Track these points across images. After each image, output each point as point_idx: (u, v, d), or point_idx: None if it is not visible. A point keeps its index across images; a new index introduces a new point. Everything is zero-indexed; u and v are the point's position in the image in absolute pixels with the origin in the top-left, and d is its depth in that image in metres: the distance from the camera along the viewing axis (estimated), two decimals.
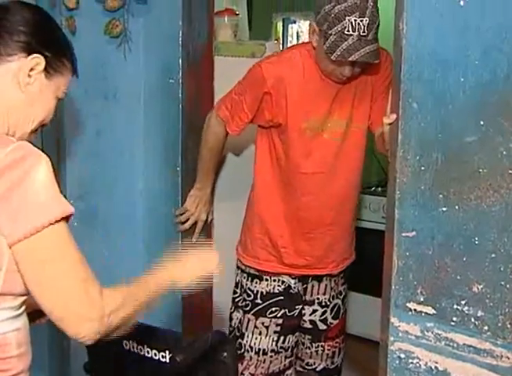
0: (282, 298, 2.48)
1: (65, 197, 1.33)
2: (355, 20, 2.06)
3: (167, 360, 1.80)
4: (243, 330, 2.49)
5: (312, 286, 2.54)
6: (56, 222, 1.28)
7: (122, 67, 2.56)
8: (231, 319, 2.54)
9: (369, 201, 3.94)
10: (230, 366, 1.78)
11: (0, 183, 1.25)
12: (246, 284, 2.49)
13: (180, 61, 2.45)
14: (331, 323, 2.60)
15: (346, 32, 2.07)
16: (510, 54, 1.38)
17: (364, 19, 2.06)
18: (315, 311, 2.57)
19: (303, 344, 2.62)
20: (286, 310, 2.49)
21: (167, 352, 1.80)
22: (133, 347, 1.86)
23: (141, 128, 2.58)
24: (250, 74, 2.33)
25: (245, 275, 2.50)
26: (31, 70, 1.42)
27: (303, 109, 2.28)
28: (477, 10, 1.41)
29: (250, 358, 2.49)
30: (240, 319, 2.50)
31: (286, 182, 2.38)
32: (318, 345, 2.61)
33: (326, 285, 2.56)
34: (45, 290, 1.30)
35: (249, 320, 2.49)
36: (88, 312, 1.31)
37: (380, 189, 4.00)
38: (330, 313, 2.59)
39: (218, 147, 2.47)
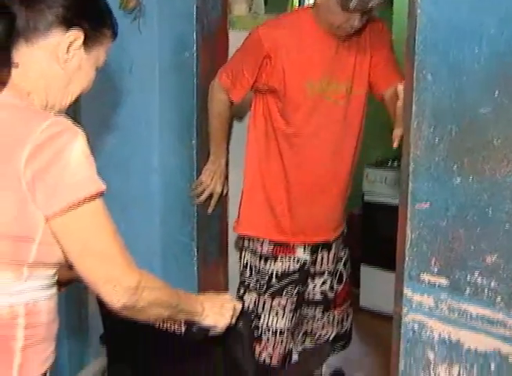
0: (297, 275, 2.49)
1: None
2: None
3: (183, 331, 1.81)
4: (259, 312, 2.50)
5: (322, 257, 2.55)
6: (92, 198, 1.30)
7: (137, 41, 2.55)
8: (242, 301, 2.54)
9: (385, 176, 3.92)
10: (245, 336, 1.78)
11: (37, 160, 1.26)
12: (260, 265, 2.48)
13: (195, 35, 2.44)
14: (337, 289, 2.63)
15: None
16: None
17: None
18: (324, 281, 2.59)
19: (314, 317, 2.64)
20: (300, 286, 2.51)
21: (182, 323, 1.81)
22: None
23: (156, 102, 2.58)
24: (248, 39, 2.34)
25: (257, 256, 2.50)
26: (70, 45, 1.40)
27: (302, 71, 2.29)
28: None
29: (268, 339, 2.49)
30: (255, 302, 2.50)
31: (286, 146, 2.37)
32: (329, 314, 2.64)
33: (334, 254, 2.58)
34: (86, 258, 1.33)
35: (265, 302, 2.49)
36: (126, 278, 1.34)
37: (396, 163, 3.98)
38: (335, 279, 2.63)
39: (225, 115, 2.47)
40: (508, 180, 1.42)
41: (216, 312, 1.64)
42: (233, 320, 1.68)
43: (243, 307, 1.73)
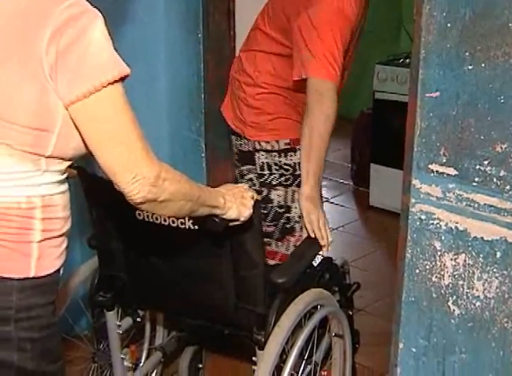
0: None
1: None
2: None
3: (188, 226, 1.76)
4: (288, 204, 2.49)
5: None
6: (115, 82, 1.27)
7: None
8: (270, 201, 2.50)
9: (396, 73, 3.86)
10: (256, 227, 1.77)
11: (59, 40, 1.23)
12: (281, 160, 2.47)
13: None
14: None
15: None
16: None
17: None
18: None
19: None
20: None
21: (186, 217, 1.72)
22: (147, 217, 1.80)
23: None
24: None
25: (275, 153, 2.47)
26: None
27: None
28: None
29: (301, 228, 2.50)
30: (284, 196, 2.49)
31: None
32: None
33: None
34: (105, 144, 1.30)
35: (294, 192, 2.48)
36: (144, 167, 1.30)
37: (408, 60, 3.90)
38: None
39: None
40: None
41: (238, 204, 1.61)
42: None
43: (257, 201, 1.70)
